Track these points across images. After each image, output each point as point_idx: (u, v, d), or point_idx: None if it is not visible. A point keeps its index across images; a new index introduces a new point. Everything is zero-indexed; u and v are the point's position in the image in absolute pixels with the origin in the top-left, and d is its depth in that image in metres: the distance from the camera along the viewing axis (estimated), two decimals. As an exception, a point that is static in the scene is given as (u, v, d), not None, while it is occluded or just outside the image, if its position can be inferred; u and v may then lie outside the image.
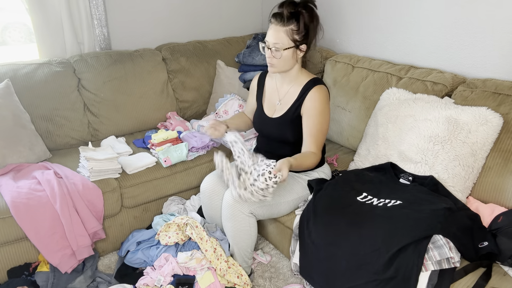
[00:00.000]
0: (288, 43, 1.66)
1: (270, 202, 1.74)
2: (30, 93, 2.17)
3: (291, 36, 1.65)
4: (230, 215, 1.73)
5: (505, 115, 1.68)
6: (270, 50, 1.69)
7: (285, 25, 1.64)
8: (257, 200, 1.59)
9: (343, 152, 2.26)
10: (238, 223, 1.73)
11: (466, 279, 1.36)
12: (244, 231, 1.75)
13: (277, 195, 1.76)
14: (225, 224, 1.79)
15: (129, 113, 2.46)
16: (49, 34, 2.35)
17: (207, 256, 1.76)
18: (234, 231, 1.75)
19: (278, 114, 1.83)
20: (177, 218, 1.87)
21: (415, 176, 1.73)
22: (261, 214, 1.77)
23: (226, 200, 1.75)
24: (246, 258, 1.83)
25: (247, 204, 1.70)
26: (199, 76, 2.72)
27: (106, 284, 1.83)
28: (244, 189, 1.59)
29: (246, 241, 1.78)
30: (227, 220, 1.75)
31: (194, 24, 2.91)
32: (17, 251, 1.79)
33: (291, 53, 1.68)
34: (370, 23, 2.45)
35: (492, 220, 1.54)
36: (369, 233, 1.44)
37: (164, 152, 2.12)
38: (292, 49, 1.68)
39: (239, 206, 1.70)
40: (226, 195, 1.77)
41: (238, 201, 1.69)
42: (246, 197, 1.59)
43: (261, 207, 1.74)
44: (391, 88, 2.02)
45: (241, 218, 1.72)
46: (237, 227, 1.74)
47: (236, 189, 1.60)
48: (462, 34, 2.01)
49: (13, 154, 1.96)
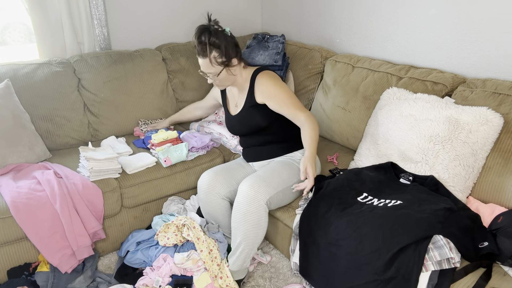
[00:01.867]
0: (218, 68, 1.80)
1: (283, 187, 1.81)
2: (30, 93, 2.16)
3: (216, 62, 1.78)
4: (246, 209, 1.72)
5: (505, 115, 1.68)
6: (208, 77, 1.85)
7: (206, 57, 1.77)
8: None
9: (343, 152, 2.26)
10: (254, 214, 1.72)
11: (466, 279, 1.36)
12: (259, 222, 1.75)
13: (288, 180, 1.84)
14: (238, 218, 1.75)
15: (129, 113, 2.46)
16: (49, 34, 2.35)
17: (202, 256, 1.76)
18: (248, 224, 1.73)
19: (239, 109, 1.97)
20: (176, 219, 1.87)
21: (416, 176, 1.73)
22: (274, 203, 1.81)
23: (243, 191, 1.74)
24: (247, 258, 1.82)
25: (266, 192, 1.74)
26: (199, 76, 2.72)
27: (106, 284, 1.83)
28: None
29: (258, 234, 1.77)
30: (242, 213, 1.73)
31: (194, 24, 2.90)
32: (17, 251, 1.79)
33: (226, 72, 1.83)
34: (370, 23, 2.44)
35: (492, 220, 1.54)
36: (369, 233, 1.44)
37: (164, 152, 2.12)
38: (225, 69, 1.82)
39: (258, 195, 1.73)
40: (243, 184, 1.77)
41: (258, 189, 1.73)
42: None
43: (277, 194, 1.79)
44: (391, 88, 2.02)
45: (257, 207, 1.73)
46: (253, 218, 1.73)
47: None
48: (462, 34, 2.01)
49: (13, 154, 1.96)
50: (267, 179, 1.78)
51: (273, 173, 1.82)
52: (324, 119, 2.39)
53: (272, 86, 1.85)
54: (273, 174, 1.82)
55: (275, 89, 1.84)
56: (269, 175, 1.80)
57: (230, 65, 1.82)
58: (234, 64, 1.83)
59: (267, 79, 1.87)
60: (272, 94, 1.84)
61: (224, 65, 1.80)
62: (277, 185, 1.79)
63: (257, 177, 1.78)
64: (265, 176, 1.79)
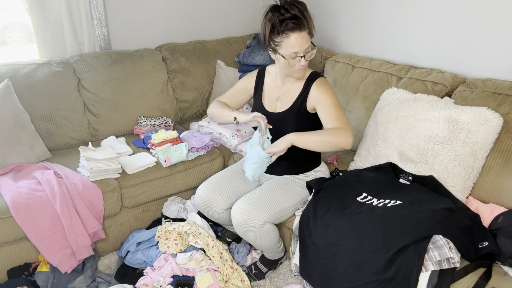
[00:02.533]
0: (310, 45, 1.64)
1: (279, 210, 1.74)
2: (30, 93, 2.17)
3: (311, 36, 1.63)
4: (244, 232, 1.71)
5: (505, 115, 1.68)
6: (303, 57, 1.63)
7: (305, 28, 1.59)
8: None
9: (343, 152, 2.26)
10: (254, 236, 1.71)
11: (466, 279, 1.36)
12: (263, 238, 1.73)
13: (283, 201, 1.76)
14: (243, 236, 1.76)
15: (129, 113, 2.46)
16: (49, 34, 2.35)
17: (215, 262, 1.76)
18: (253, 241, 1.75)
19: (281, 109, 1.80)
20: (178, 226, 1.86)
21: (415, 176, 1.73)
22: (273, 221, 1.75)
23: (236, 218, 1.70)
24: (274, 252, 1.84)
25: (259, 218, 1.67)
26: (199, 76, 2.72)
27: (106, 284, 1.83)
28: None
29: (270, 242, 1.77)
30: (243, 235, 1.74)
31: (194, 24, 2.91)
32: (17, 251, 1.79)
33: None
34: (370, 23, 2.44)
35: (492, 220, 1.54)
36: (369, 234, 1.44)
37: (164, 152, 2.12)
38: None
39: (250, 222, 1.67)
40: (234, 211, 1.71)
41: (248, 215, 1.67)
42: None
43: (271, 217, 1.71)
44: (391, 88, 2.02)
45: (256, 230, 1.69)
46: (254, 239, 1.73)
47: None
48: (462, 34, 2.01)
49: (13, 154, 1.96)
50: (259, 203, 1.69)
51: (266, 196, 1.73)
52: (324, 119, 2.38)
53: (330, 92, 1.71)
54: (266, 197, 1.72)
55: (332, 95, 1.70)
56: (262, 199, 1.71)
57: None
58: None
59: (329, 85, 1.73)
60: (327, 98, 1.69)
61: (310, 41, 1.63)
62: (270, 208, 1.70)
63: (248, 201, 1.69)
64: (257, 200, 1.70)
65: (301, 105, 1.75)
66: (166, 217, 2.13)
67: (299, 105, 1.75)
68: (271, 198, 1.73)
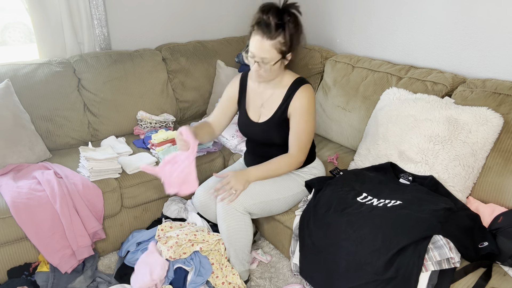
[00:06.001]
0: (276, 57, 1.58)
1: (265, 199, 1.75)
2: (30, 93, 2.17)
3: (279, 49, 1.56)
4: (224, 214, 1.72)
5: (505, 115, 1.68)
6: (257, 62, 1.60)
7: (272, 38, 1.54)
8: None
9: (343, 152, 2.26)
10: (233, 221, 1.71)
11: (466, 279, 1.36)
12: (239, 230, 1.73)
13: (271, 192, 1.77)
14: (220, 224, 1.77)
15: (129, 113, 2.46)
16: (49, 34, 2.35)
17: (215, 263, 1.77)
18: (229, 231, 1.74)
19: (264, 118, 1.78)
20: (182, 233, 1.82)
21: (415, 176, 1.73)
22: (256, 213, 1.76)
23: (219, 199, 1.74)
24: (244, 261, 1.81)
25: (242, 202, 1.70)
26: (199, 76, 2.72)
27: (106, 284, 1.83)
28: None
29: (243, 241, 1.76)
30: (222, 219, 1.74)
31: (194, 24, 2.91)
32: (17, 251, 1.79)
33: (279, 64, 1.62)
34: (370, 23, 2.44)
35: (492, 220, 1.54)
36: (369, 234, 1.44)
37: (164, 152, 2.12)
38: (280, 61, 1.61)
39: (233, 204, 1.70)
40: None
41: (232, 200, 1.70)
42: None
43: (255, 205, 1.73)
44: (391, 88, 2.02)
45: (236, 216, 1.71)
46: (232, 226, 1.72)
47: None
48: (462, 34, 2.01)
49: (13, 154, 1.96)
50: (246, 190, 1.72)
51: (255, 184, 1.75)
52: (324, 119, 2.39)
53: (307, 106, 1.69)
54: (255, 185, 1.74)
55: (307, 110, 1.69)
56: (251, 186, 1.74)
57: (286, 58, 1.62)
58: (288, 58, 1.63)
59: (310, 95, 1.70)
60: (300, 114, 1.69)
61: (283, 56, 1.59)
62: (256, 196, 1.72)
63: None
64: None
65: (281, 115, 1.73)
66: (167, 217, 2.13)
67: (279, 115, 1.74)
68: (260, 188, 1.75)
